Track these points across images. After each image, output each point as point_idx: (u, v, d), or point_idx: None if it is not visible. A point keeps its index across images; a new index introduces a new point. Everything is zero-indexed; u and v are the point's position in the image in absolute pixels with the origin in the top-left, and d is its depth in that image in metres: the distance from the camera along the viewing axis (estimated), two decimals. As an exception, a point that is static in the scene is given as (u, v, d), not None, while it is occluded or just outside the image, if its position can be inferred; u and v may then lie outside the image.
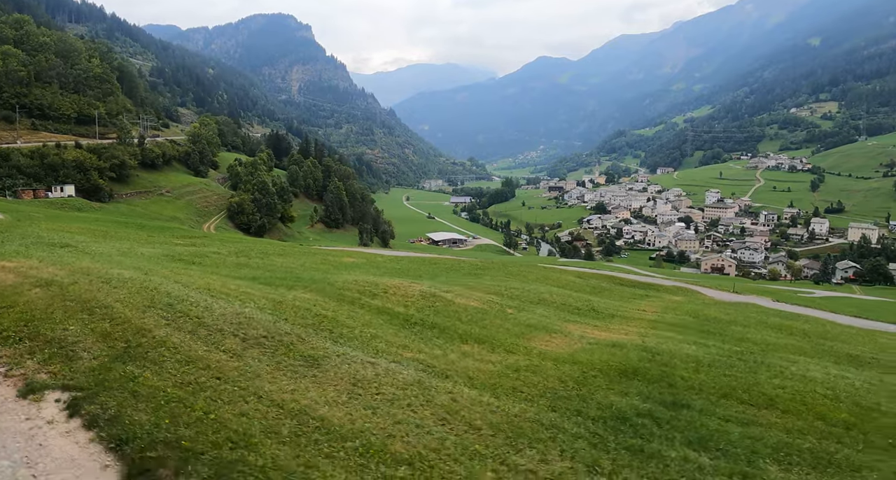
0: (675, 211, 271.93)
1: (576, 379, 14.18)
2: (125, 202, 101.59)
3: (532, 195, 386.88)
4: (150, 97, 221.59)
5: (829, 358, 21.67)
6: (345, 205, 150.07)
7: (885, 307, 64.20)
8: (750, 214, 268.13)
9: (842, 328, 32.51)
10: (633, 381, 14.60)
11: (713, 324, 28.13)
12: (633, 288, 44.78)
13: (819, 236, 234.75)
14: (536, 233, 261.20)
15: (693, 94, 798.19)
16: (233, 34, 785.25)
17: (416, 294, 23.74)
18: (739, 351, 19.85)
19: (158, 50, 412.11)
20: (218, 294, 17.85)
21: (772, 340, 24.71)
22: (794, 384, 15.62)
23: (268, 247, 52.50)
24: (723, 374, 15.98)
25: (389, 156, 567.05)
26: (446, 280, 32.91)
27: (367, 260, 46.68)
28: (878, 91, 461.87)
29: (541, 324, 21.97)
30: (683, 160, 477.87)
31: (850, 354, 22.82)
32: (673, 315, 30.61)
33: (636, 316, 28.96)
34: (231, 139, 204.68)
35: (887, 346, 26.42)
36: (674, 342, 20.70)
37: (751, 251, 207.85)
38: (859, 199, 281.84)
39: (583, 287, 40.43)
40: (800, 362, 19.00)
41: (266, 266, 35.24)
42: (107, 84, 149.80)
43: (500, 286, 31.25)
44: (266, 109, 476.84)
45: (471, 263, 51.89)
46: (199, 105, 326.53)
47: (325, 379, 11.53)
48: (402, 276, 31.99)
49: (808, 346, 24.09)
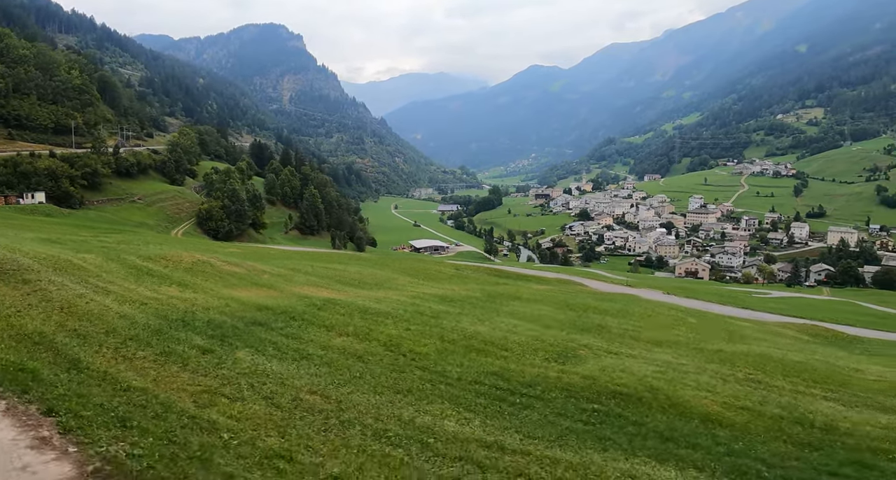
0: (657, 217, 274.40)
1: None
2: (96, 208, 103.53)
3: (519, 203, 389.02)
4: (136, 107, 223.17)
5: (623, 340, 23.69)
6: (320, 213, 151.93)
7: (810, 304, 66.22)
8: (732, 219, 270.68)
9: (700, 316, 35.11)
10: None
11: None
12: (498, 277, 48.64)
13: (799, 240, 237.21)
14: (518, 239, 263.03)
15: (683, 102, 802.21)
16: (225, 44, 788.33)
17: (188, 261, 29.19)
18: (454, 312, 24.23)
19: (149, 60, 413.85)
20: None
21: (549, 314, 27.25)
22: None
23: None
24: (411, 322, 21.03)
25: (380, 164, 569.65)
26: (274, 263, 35.87)
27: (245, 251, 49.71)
28: (863, 97, 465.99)
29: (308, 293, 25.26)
30: (671, 167, 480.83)
31: (650, 336, 24.81)
32: (468, 292, 33.44)
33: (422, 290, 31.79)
34: (214, 148, 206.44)
35: (708, 328, 28.65)
36: (418, 304, 25.14)
37: (729, 255, 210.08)
38: (841, 204, 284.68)
39: (438, 275, 42.91)
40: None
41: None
42: (86, 95, 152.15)
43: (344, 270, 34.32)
44: (256, 119, 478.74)
45: (338, 254, 55.53)
46: (188, 114, 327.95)
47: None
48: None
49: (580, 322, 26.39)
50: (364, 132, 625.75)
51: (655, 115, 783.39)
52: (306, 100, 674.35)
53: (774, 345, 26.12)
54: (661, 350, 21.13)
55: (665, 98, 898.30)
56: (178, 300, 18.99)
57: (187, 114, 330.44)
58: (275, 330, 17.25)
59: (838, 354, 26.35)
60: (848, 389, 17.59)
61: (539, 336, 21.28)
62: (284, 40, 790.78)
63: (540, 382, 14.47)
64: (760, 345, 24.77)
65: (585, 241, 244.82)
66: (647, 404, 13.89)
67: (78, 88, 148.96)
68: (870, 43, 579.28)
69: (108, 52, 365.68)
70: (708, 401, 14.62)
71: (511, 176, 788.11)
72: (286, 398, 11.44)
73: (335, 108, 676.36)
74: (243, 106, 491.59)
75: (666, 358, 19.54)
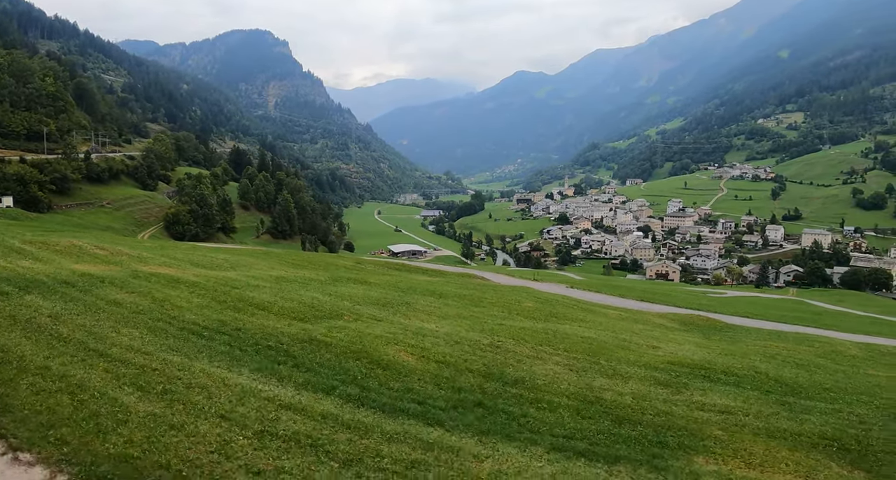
0: (635, 220, 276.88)
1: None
2: (64, 213, 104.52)
3: (501, 207, 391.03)
4: (116, 113, 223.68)
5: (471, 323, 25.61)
6: (293, 217, 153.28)
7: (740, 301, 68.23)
8: (709, 223, 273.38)
9: (553, 301, 37.93)
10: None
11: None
12: (395, 270, 51.34)
13: (773, 242, 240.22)
14: (497, 243, 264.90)
15: (667, 107, 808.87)
16: (210, 50, 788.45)
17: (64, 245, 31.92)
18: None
19: (132, 66, 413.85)
20: None
21: (368, 293, 29.80)
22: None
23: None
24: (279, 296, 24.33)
25: (364, 170, 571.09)
26: (154, 251, 38.11)
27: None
28: (842, 101, 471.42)
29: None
30: (654, 171, 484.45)
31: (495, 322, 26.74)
32: (319, 276, 36.33)
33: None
34: (192, 154, 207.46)
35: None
36: (243, 280, 27.78)
37: (703, 258, 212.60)
38: (817, 206, 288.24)
39: (328, 266, 45.07)
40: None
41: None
42: (60, 102, 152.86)
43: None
44: (240, 125, 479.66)
45: (253, 250, 58.53)
46: (170, 120, 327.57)
47: None
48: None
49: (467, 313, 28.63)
50: (349, 138, 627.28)
51: (640, 120, 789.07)
52: (291, 106, 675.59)
53: (597, 326, 28.44)
54: (437, 321, 23.43)
55: (649, 103, 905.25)
56: (25, 269, 21.61)
57: (170, 120, 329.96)
58: (76, 287, 19.79)
59: (674, 336, 28.27)
60: (611, 361, 19.61)
61: (324, 304, 24.00)
62: (270, 46, 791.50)
63: (277, 335, 16.98)
64: (573, 325, 26.94)
65: (562, 245, 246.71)
66: (344, 352, 16.39)
67: (52, 95, 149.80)
68: (850, 48, 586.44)
69: (90, 58, 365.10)
70: (408, 356, 16.87)
71: (497, 181, 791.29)
72: (46, 327, 14.91)
73: (320, 114, 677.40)
74: (227, 112, 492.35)
75: (430, 326, 21.95)
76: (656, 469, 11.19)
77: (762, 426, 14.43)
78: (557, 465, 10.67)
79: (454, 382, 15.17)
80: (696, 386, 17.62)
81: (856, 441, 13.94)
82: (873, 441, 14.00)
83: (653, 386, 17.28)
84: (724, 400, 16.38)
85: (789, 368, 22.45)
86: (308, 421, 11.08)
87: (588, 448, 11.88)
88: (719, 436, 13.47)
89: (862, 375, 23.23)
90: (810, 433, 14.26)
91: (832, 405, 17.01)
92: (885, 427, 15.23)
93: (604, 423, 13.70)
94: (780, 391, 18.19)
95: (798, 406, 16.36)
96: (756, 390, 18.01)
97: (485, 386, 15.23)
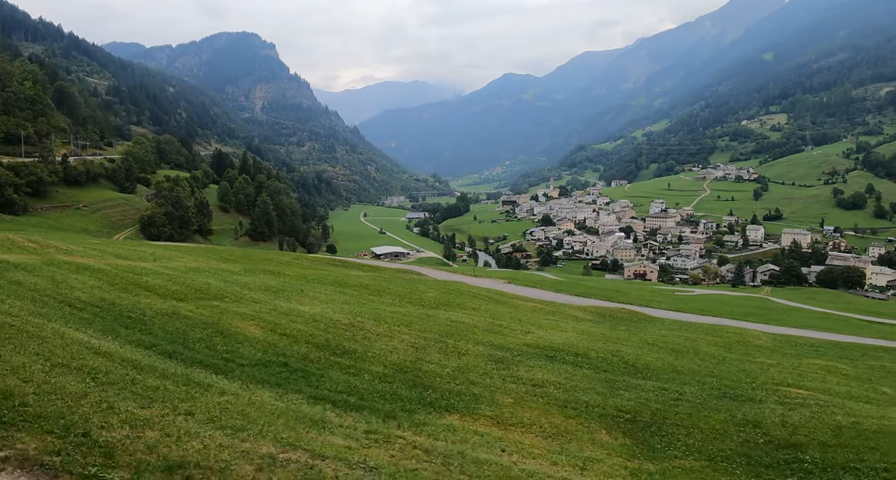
0: (618, 221, 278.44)
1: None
2: (39, 215, 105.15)
3: (487, 209, 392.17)
4: (98, 116, 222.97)
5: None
6: (272, 219, 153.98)
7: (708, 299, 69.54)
8: (691, 223, 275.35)
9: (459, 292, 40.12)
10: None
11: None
12: (328, 265, 54.07)
13: (753, 242, 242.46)
14: (480, 245, 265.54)
15: (653, 109, 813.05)
16: (197, 52, 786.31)
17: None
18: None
19: (117, 69, 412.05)
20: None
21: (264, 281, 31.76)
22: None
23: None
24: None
25: (351, 173, 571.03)
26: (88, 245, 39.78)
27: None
28: (825, 102, 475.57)
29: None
30: (639, 173, 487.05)
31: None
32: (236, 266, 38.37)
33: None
34: (174, 157, 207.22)
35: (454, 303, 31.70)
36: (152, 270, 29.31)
37: (683, 258, 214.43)
38: (798, 207, 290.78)
39: (263, 261, 46.36)
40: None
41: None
42: (39, 105, 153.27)
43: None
44: (226, 127, 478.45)
45: (198, 248, 61.02)
46: (155, 123, 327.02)
47: None
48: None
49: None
50: (336, 140, 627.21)
51: (626, 122, 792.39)
52: (278, 109, 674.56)
53: (482, 313, 31.02)
54: (315, 305, 25.48)
55: (636, 105, 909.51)
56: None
57: (155, 123, 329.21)
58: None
59: (566, 325, 29.95)
60: (460, 341, 21.64)
61: (213, 289, 26.02)
62: (257, 49, 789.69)
63: (144, 309, 18.75)
64: (456, 312, 28.78)
65: (544, 246, 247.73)
66: (196, 323, 18.37)
67: (31, 98, 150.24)
68: (834, 50, 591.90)
69: (75, 61, 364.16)
70: (256, 329, 18.92)
71: (484, 183, 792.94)
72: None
73: (307, 117, 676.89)
74: (214, 114, 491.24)
75: (304, 309, 23.79)
76: (396, 420, 12.89)
77: (564, 397, 16.06)
78: (307, 409, 12.46)
79: (284, 350, 17.03)
80: (529, 363, 19.22)
81: (651, 414, 15.43)
82: (669, 415, 15.39)
83: (484, 361, 18.94)
84: (546, 375, 17.94)
85: (657, 353, 24.06)
86: (105, 361, 12.65)
87: (356, 402, 13.65)
88: (504, 402, 15.09)
89: (737, 361, 24.73)
90: (611, 406, 15.78)
91: (665, 384, 18.50)
92: (704, 404, 16.68)
93: (394, 386, 15.55)
94: (617, 371, 19.94)
95: (622, 384, 17.82)
96: (591, 369, 19.65)
97: (311, 354, 17.05)
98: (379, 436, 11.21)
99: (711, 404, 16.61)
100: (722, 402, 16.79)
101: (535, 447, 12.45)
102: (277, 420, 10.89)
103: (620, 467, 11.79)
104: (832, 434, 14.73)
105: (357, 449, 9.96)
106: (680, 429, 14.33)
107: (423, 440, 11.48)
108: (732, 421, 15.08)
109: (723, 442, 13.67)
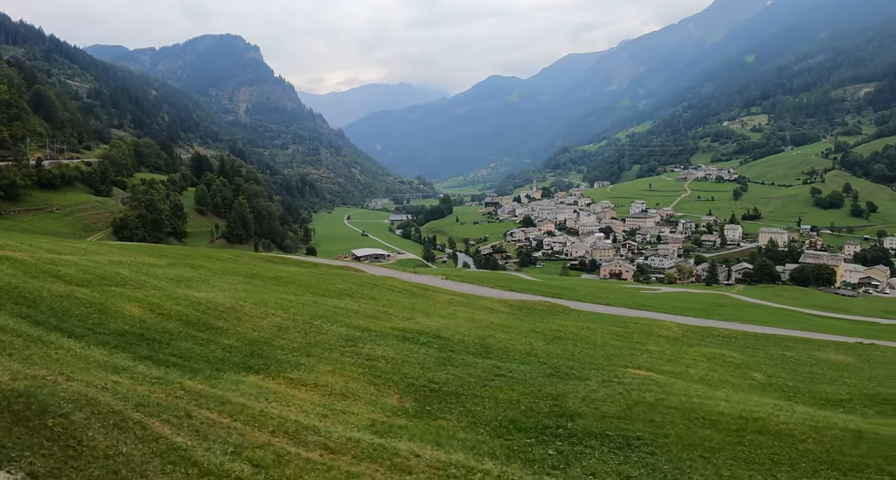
0: (598, 222, 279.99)
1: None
2: (11, 218, 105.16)
3: (469, 211, 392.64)
4: (78, 119, 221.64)
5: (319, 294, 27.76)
6: (248, 222, 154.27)
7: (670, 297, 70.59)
8: (670, 223, 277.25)
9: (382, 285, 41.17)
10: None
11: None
12: (267, 262, 54.80)
13: (731, 242, 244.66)
14: (461, 246, 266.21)
15: (637, 110, 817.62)
16: (180, 55, 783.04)
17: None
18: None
19: (99, 71, 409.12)
20: None
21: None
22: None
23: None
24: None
25: (335, 175, 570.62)
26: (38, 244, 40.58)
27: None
28: (804, 103, 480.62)
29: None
30: (622, 174, 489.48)
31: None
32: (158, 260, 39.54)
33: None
34: (154, 160, 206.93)
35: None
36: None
37: (661, 257, 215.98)
38: (777, 206, 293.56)
39: (202, 258, 47.17)
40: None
41: None
42: (14, 109, 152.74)
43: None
44: (210, 130, 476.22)
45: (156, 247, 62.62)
46: (137, 126, 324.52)
47: None
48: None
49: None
50: (320, 143, 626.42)
51: (610, 124, 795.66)
52: (263, 112, 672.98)
53: (378, 302, 32.52)
54: (210, 292, 26.30)
55: (620, 107, 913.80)
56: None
57: (137, 126, 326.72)
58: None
59: (469, 314, 30.95)
60: (327, 323, 22.64)
61: (118, 277, 26.79)
62: (241, 51, 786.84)
63: (40, 290, 19.75)
64: (351, 301, 30.12)
65: (524, 247, 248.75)
66: (81, 302, 19.23)
67: (6, 102, 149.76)
68: (814, 52, 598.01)
69: (56, 64, 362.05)
70: (137, 309, 19.84)
71: (469, 185, 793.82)
72: None
73: (292, 120, 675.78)
74: (197, 117, 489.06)
75: (198, 295, 24.48)
76: (196, 375, 14.13)
77: (386, 369, 17.05)
78: (122, 362, 13.89)
79: (151, 325, 18.22)
80: (379, 342, 20.05)
81: (459, 385, 16.16)
82: (476, 388, 16.13)
83: (337, 340, 19.82)
84: (386, 352, 18.76)
85: (534, 339, 25.30)
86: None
87: (178, 362, 15.26)
88: (320, 369, 16.23)
89: (616, 347, 26.08)
90: (426, 377, 16.59)
91: (503, 363, 19.42)
92: (520, 379, 17.43)
93: (231, 354, 16.96)
94: (465, 351, 20.97)
95: (457, 362, 18.84)
96: (438, 349, 20.52)
97: (174, 330, 18.26)
98: (162, 381, 12.55)
99: (529, 380, 17.14)
100: (545, 379, 17.29)
101: (307, 401, 13.26)
102: (83, 365, 12.35)
103: (368, 420, 12.43)
104: (624, 407, 15.12)
105: (128, 386, 11.47)
106: (475, 399, 14.90)
107: (199, 386, 12.66)
108: (536, 394, 15.63)
109: (506, 411, 14.20)
